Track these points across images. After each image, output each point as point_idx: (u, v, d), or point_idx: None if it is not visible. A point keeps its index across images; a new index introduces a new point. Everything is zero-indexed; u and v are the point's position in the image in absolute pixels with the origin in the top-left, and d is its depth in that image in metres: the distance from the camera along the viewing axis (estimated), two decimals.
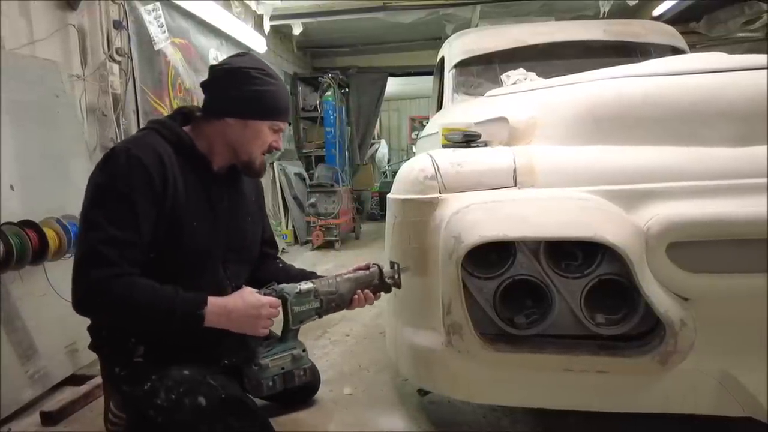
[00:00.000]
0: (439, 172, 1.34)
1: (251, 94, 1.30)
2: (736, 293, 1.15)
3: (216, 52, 4.07)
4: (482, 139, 1.54)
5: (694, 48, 3.90)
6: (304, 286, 1.31)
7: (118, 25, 2.78)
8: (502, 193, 1.28)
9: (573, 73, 1.64)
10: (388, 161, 9.69)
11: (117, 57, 2.78)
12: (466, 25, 5.25)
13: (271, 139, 1.37)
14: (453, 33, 3.19)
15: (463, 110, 2.26)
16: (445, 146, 1.57)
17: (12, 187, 1.89)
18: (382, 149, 9.44)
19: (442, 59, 3.02)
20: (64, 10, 2.50)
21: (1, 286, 1.80)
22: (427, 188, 1.34)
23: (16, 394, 1.79)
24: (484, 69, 2.70)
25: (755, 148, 1.22)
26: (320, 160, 6.31)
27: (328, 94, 5.83)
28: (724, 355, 1.19)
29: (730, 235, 1.13)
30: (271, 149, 1.39)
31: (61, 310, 1.97)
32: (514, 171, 1.30)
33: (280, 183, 5.53)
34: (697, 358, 1.18)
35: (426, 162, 1.39)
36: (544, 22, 3.57)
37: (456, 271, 1.19)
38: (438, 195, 1.33)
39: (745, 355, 1.17)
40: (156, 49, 3.15)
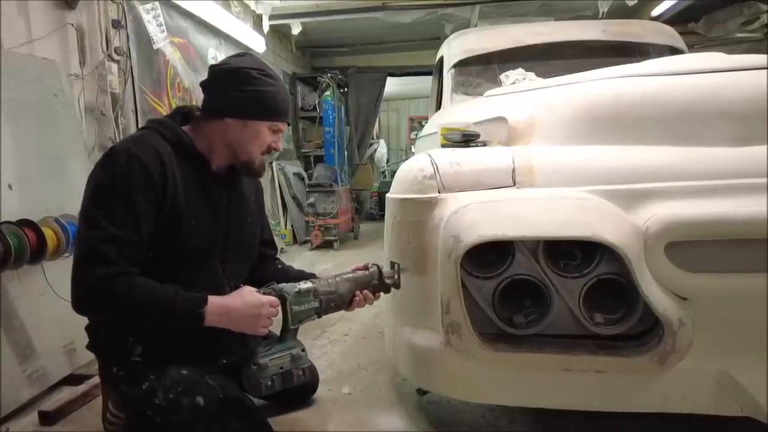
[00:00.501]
0: (438, 172, 1.34)
1: (251, 95, 1.30)
2: (735, 293, 1.15)
3: (215, 52, 4.07)
4: (481, 139, 1.54)
5: (693, 48, 3.90)
6: (303, 286, 1.31)
7: (116, 25, 2.77)
8: (501, 193, 1.28)
9: (572, 73, 1.64)
10: (387, 161, 9.68)
11: (116, 56, 2.78)
12: (465, 25, 5.25)
13: (270, 139, 1.37)
14: (452, 33, 3.19)
15: (462, 110, 2.26)
16: (444, 146, 1.57)
17: (10, 186, 1.89)
18: (381, 149, 9.43)
19: (441, 59, 3.02)
20: (63, 9, 2.50)
21: None
22: (426, 188, 1.34)
23: (14, 394, 1.79)
24: (483, 69, 2.70)
25: (754, 148, 1.22)
26: (319, 159, 6.31)
27: (327, 93, 5.83)
28: (723, 355, 1.19)
29: (729, 235, 1.13)
30: (270, 150, 1.39)
31: (60, 309, 1.96)
32: (513, 171, 1.30)
33: (279, 183, 5.52)
34: (696, 358, 1.18)
35: (425, 162, 1.39)
36: (543, 22, 3.57)
37: (455, 271, 1.19)
38: (437, 195, 1.33)
39: (744, 355, 1.18)
40: (155, 48, 3.14)
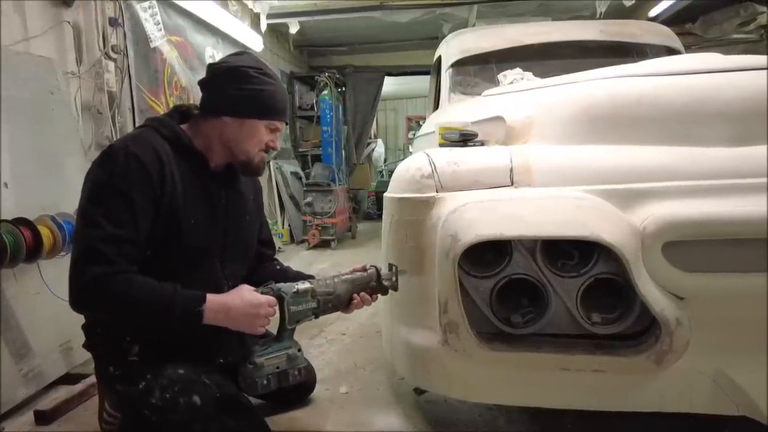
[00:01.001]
0: (436, 171, 1.34)
1: (248, 93, 1.30)
2: (732, 292, 1.16)
3: (212, 50, 4.06)
4: (479, 138, 1.54)
5: (690, 49, 3.91)
6: (301, 286, 1.31)
7: (113, 23, 2.77)
8: (499, 192, 1.28)
9: (570, 73, 1.64)
10: (385, 161, 9.68)
11: (113, 54, 2.77)
12: (462, 24, 5.25)
13: (268, 138, 1.37)
14: (450, 33, 3.19)
15: (459, 109, 2.26)
16: (442, 145, 1.57)
17: (6, 185, 1.88)
18: (379, 149, 9.43)
19: (439, 59, 3.02)
20: (59, 7, 2.49)
21: None
22: (424, 187, 1.34)
23: (9, 393, 1.78)
24: (481, 69, 2.70)
25: (751, 148, 1.22)
26: (317, 159, 6.30)
27: (325, 93, 5.82)
28: (719, 355, 1.19)
29: (726, 235, 1.13)
30: (267, 148, 1.38)
31: (56, 308, 1.96)
32: (511, 170, 1.30)
33: (276, 182, 5.52)
34: (692, 358, 1.18)
35: (423, 161, 1.38)
36: (541, 22, 3.57)
37: (453, 270, 1.19)
38: (435, 194, 1.33)
39: (740, 354, 1.18)
40: (152, 46, 3.13)
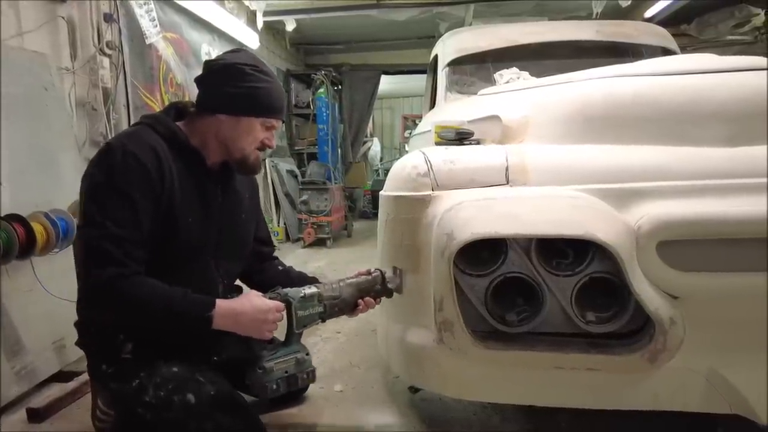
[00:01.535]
0: (432, 170, 1.34)
1: (244, 91, 1.29)
2: (726, 292, 1.16)
3: (208, 48, 4.04)
4: (475, 137, 1.54)
5: (685, 50, 3.93)
6: (308, 291, 1.32)
7: (108, 18, 2.75)
8: (495, 191, 1.28)
9: (566, 73, 1.64)
10: (381, 159, 9.68)
11: (107, 50, 2.75)
12: (459, 23, 5.26)
13: (264, 136, 1.36)
14: (446, 32, 3.19)
15: (456, 108, 2.27)
16: (438, 144, 1.56)
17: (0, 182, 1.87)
18: (375, 147, 9.43)
19: (436, 57, 3.03)
20: (53, 2, 2.46)
21: None
22: (420, 185, 1.34)
23: (2, 391, 1.76)
24: (478, 68, 2.70)
25: (745, 149, 1.23)
26: (312, 157, 6.29)
27: (321, 91, 5.81)
28: (713, 354, 1.20)
29: (720, 234, 1.14)
30: (263, 146, 1.38)
31: (49, 305, 1.95)
32: (507, 169, 1.31)
33: (272, 180, 5.50)
34: (686, 356, 1.19)
35: (419, 159, 1.38)
36: (538, 22, 3.58)
37: (448, 268, 1.19)
38: (431, 192, 1.33)
39: (733, 354, 1.18)
40: (147, 43, 3.11)
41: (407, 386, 1.76)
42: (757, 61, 1.35)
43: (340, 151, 6.62)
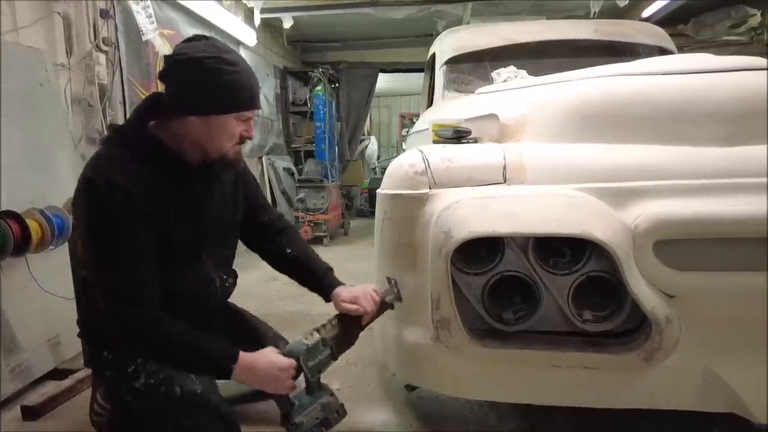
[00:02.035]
0: (430, 168, 1.34)
1: (211, 89, 1.20)
2: (722, 291, 1.16)
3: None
4: (473, 136, 1.54)
5: (682, 50, 3.94)
6: (310, 342, 1.31)
7: (104, 15, 2.73)
8: (492, 190, 1.28)
9: (563, 72, 1.64)
10: (378, 158, 9.67)
11: (103, 47, 2.74)
12: (457, 22, 5.25)
13: (240, 129, 1.28)
14: (444, 30, 3.19)
15: (453, 107, 2.26)
16: (435, 142, 1.56)
17: None
18: (372, 146, 9.41)
19: (433, 56, 3.02)
20: None
21: None
22: (418, 183, 1.34)
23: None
24: (475, 66, 2.70)
25: (742, 148, 1.23)
26: (309, 155, 6.28)
27: (319, 88, 5.80)
28: (708, 352, 1.20)
29: (717, 234, 1.14)
30: (243, 139, 1.30)
31: (43, 303, 1.94)
32: (504, 167, 1.31)
33: (269, 177, 5.49)
34: (682, 355, 1.19)
35: (416, 157, 1.38)
36: (536, 21, 3.58)
37: (445, 266, 1.19)
38: (428, 190, 1.32)
39: (728, 352, 1.19)
40: (144, 39, 3.09)
41: (404, 384, 1.76)
42: (754, 61, 1.35)
43: (337, 149, 6.61)
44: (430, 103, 2.95)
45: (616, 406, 1.28)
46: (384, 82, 7.76)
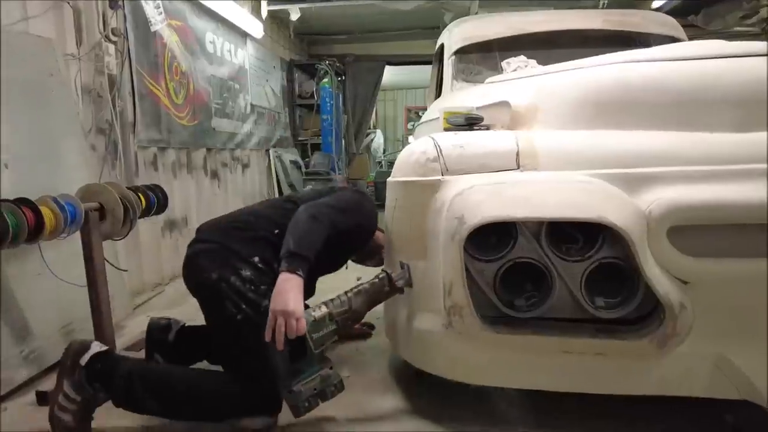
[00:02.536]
0: (442, 155, 1.34)
1: None
2: (735, 277, 1.16)
3: (213, 36, 4.02)
4: (484, 123, 1.53)
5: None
6: (318, 313, 1.32)
7: (113, 5, 2.73)
8: (505, 176, 1.28)
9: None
10: (384, 151, 9.66)
11: (113, 37, 2.73)
12: (464, 13, 5.21)
13: None
14: (451, 22, 3.17)
15: (463, 97, 2.26)
16: (446, 130, 1.56)
17: (6, 165, 1.87)
18: (378, 139, 9.41)
19: (442, 46, 3.01)
20: None
21: None
22: (430, 170, 1.34)
23: (10, 375, 1.78)
24: (484, 57, 2.69)
25: (756, 134, 1.22)
26: (316, 147, 6.28)
27: (325, 80, 5.79)
28: (721, 339, 1.20)
29: (730, 220, 1.14)
30: None
31: (57, 290, 1.95)
32: (517, 154, 1.30)
33: (276, 170, 5.50)
34: (694, 341, 1.19)
35: (428, 144, 1.38)
36: (544, 11, 3.55)
37: (458, 253, 1.20)
38: (440, 177, 1.33)
39: (742, 339, 1.19)
40: (152, 30, 3.09)
41: (413, 371, 1.76)
42: (766, 46, 1.34)
43: (343, 142, 6.60)
44: (439, 94, 2.94)
45: (626, 393, 1.28)
46: (390, 75, 7.74)
